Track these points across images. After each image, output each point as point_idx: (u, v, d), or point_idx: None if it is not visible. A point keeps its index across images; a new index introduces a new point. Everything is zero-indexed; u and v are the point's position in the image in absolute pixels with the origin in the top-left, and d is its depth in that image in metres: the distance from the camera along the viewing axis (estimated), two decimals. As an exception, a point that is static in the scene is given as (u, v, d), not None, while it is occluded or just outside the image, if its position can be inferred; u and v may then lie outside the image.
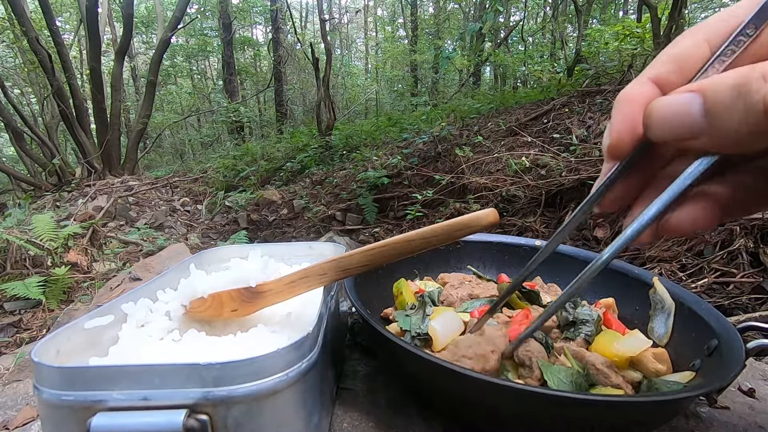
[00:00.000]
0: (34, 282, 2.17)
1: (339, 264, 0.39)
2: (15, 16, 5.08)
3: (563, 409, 0.36)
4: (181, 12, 6.58)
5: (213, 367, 0.29)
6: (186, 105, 11.57)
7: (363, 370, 0.53)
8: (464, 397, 0.40)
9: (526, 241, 0.71)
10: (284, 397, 0.32)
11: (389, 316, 0.56)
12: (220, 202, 4.57)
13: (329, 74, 5.95)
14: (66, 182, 5.37)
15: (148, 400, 0.29)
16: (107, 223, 3.66)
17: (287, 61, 9.71)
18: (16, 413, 0.51)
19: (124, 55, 6.10)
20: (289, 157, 5.56)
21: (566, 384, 0.40)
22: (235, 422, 0.30)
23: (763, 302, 1.28)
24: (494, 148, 3.10)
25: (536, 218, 2.27)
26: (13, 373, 1.34)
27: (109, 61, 7.66)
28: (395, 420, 0.44)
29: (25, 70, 7.14)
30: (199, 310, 0.41)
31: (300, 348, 0.33)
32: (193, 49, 11.88)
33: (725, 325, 0.45)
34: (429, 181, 3.21)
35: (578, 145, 2.50)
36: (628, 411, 0.36)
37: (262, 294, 0.41)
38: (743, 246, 1.40)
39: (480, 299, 0.54)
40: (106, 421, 0.28)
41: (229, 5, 9.65)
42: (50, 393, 0.30)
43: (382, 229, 3.09)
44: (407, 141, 4.09)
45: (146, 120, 6.35)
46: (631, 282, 0.58)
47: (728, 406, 0.47)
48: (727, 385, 0.38)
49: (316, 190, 4.08)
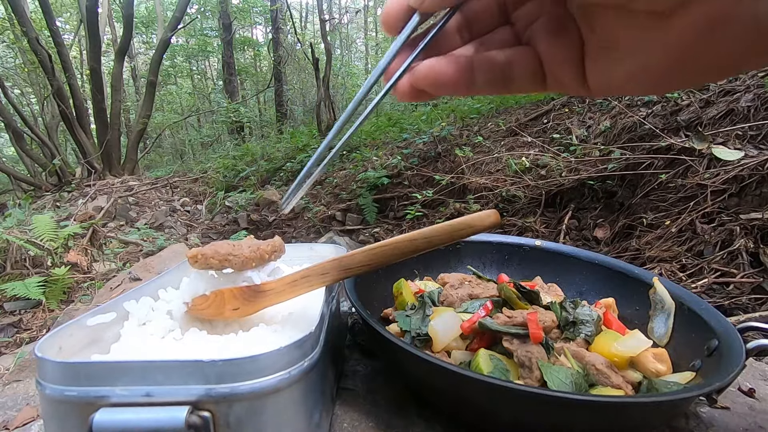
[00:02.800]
0: (34, 282, 2.16)
1: (341, 263, 0.39)
2: (15, 16, 5.08)
3: (563, 410, 0.36)
4: (181, 12, 6.58)
5: (216, 364, 0.29)
6: (186, 105, 11.57)
7: (363, 370, 0.53)
8: (464, 398, 0.40)
9: (526, 241, 0.71)
10: (286, 396, 0.32)
11: (389, 316, 0.56)
12: (220, 202, 4.56)
13: (329, 74, 5.96)
14: (66, 182, 5.37)
15: (150, 396, 0.29)
16: (107, 223, 3.66)
17: (287, 61, 9.71)
18: (16, 413, 0.51)
19: (124, 55, 6.09)
20: (289, 157, 5.55)
21: (566, 384, 0.40)
22: (237, 419, 0.30)
23: (763, 302, 1.28)
24: (494, 148, 3.10)
25: (536, 218, 2.27)
26: (13, 373, 1.34)
27: (109, 61, 7.66)
28: (395, 420, 0.44)
29: (25, 70, 7.14)
30: (201, 307, 0.41)
31: (302, 347, 0.33)
32: (193, 49, 11.87)
33: (725, 325, 0.45)
34: (429, 181, 3.21)
35: (578, 145, 2.50)
36: (628, 411, 0.36)
37: (264, 293, 0.41)
38: (743, 246, 1.40)
39: (480, 299, 0.54)
40: (108, 416, 0.29)
41: (229, 5, 9.65)
42: (53, 388, 0.30)
43: (382, 230, 3.09)
44: (407, 141, 4.09)
45: (146, 120, 6.34)
46: (631, 282, 0.59)
47: (728, 406, 0.47)
48: (727, 385, 0.38)
49: (316, 190, 4.08)
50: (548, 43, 0.23)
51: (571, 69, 0.23)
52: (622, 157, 2.13)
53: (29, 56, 6.01)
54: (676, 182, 1.79)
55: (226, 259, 0.40)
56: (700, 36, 0.17)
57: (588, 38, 0.22)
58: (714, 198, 1.60)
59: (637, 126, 2.25)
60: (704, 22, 0.17)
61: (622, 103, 2.59)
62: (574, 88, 0.24)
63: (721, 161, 1.68)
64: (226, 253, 0.40)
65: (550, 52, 0.23)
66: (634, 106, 2.48)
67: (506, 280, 0.56)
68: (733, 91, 1.98)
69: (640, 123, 2.21)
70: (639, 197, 1.91)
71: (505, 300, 0.51)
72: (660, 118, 2.18)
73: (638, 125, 2.24)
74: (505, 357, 0.45)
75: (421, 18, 0.23)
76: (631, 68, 0.21)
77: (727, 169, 1.63)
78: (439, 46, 0.25)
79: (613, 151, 2.21)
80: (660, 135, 2.02)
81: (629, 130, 2.29)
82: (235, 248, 0.41)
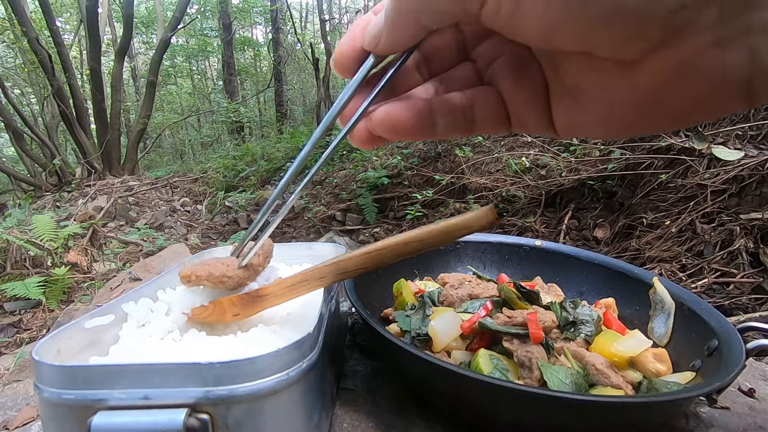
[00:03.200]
0: (34, 282, 2.17)
1: (338, 267, 0.39)
2: (15, 16, 5.08)
3: (563, 410, 0.36)
4: (181, 12, 6.58)
5: (214, 366, 0.29)
6: (186, 105, 11.57)
7: (363, 370, 0.53)
8: (464, 398, 0.40)
9: (526, 241, 0.71)
10: (285, 397, 0.32)
11: (389, 316, 0.56)
12: (220, 202, 4.56)
13: (329, 74, 5.96)
14: (66, 182, 5.38)
15: (148, 399, 0.29)
16: (107, 224, 3.66)
17: (287, 61, 9.71)
18: (16, 413, 0.51)
19: (124, 55, 6.10)
20: (289, 157, 5.55)
21: (566, 384, 0.40)
22: (235, 421, 0.30)
23: (763, 302, 1.28)
24: (494, 148, 3.10)
25: (536, 218, 2.27)
26: (13, 374, 1.34)
27: (109, 61, 7.66)
28: (395, 420, 0.44)
29: (25, 70, 7.14)
30: (201, 317, 0.41)
31: (300, 348, 0.33)
32: (193, 49, 11.87)
33: (725, 325, 0.45)
34: (429, 181, 3.21)
35: (578, 145, 2.50)
36: (628, 411, 0.36)
37: (263, 297, 0.41)
38: (743, 246, 1.40)
39: (480, 299, 0.54)
40: (106, 419, 0.28)
41: (229, 5, 9.64)
42: (51, 392, 0.30)
43: (382, 229, 3.08)
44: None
45: (146, 120, 6.35)
46: (631, 282, 0.59)
47: (728, 406, 0.47)
48: (727, 385, 0.38)
49: (316, 191, 4.08)
50: (510, 84, 0.23)
51: (535, 112, 0.22)
52: (622, 157, 2.13)
53: (29, 56, 6.01)
54: (676, 182, 1.79)
55: (221, 281, 0.40)
56: (668, 83, 0.17)
57: (552, 82, 0.22)
58: (714, 198, 1.60)
59: (637, 126, 2.25)
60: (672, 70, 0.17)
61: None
62: (539, 130, 0.23)
63: (721, 161, 1.67)
64: (220, 275, 0.39)
65: (512, 93, 0.23)
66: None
67: (506, 280, 0.56)
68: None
69: (640, 122, 2.21)
70: (639, 197, 1.91)
71: (505, 300, 0.51)
72: (660, 118, 2.18)
73: (638, 125, 2.23)
74: (505, 357, 0.45)
75: (376, 59, 0.23)
76: (597, 113, 0.20)
77: (727, 169, 1.63)
78: (397, 85, 0.24)
79: (613, 151, 2.21)
80: (660, 135, 2.02)
81: (629, 130, 2.29)
82: (229, 268, 0.40)
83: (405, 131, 0.23)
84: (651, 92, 0.18)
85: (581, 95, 0.20)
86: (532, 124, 0.23)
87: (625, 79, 0.18)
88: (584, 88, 0.20)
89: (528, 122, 0.23)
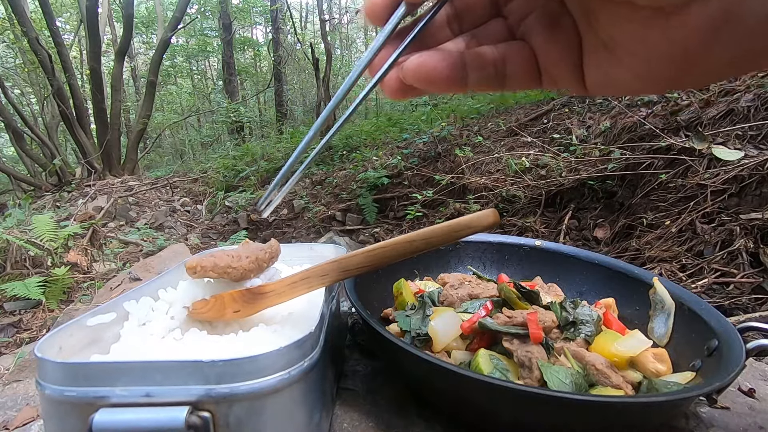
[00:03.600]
0: (34, 282, 2.16)
1: (340, 265, 0.39)
2: (15, 16, 5.08)
3: (563, 410, 0.36)
4: (181, 12, 6.58)
5: (216, 364, 0.29)
6: (186, 105, 11.56)
7: (363, 370, 0.53)
8: (464, 398, 0.40)
9: (526, 241, 0.71)
10: (286, 396, 0.32)
11: (389, 316, 0.56)
12: (220, 202, 4.56)
13: (329, 74, 5.96)
14: (66, 182, 5.38)
15: (150, 397, 0.29)
16: (107, 224, 3.66)
17: (287, 61, 9.72)
18: (16, 413, 0.51)
19: (124, 55, 6.10)
20: (289, 157, 5.54)
21: (566, 384, 0.40)
22: (237, 419, 0.30)
23: (763, 302, 1.28)
24: (494, 148, 3.10)
25: (536, 218, 2.27)
26: (13, 373, 1.34)
27: (109, 61, 7.66)
28: (395, 420, 0.44)
29: (25, 70, 7.14)
30: (201, 311, 0.41)
31: (302, 347, 0.33)
32: (193, 49, 11.87)
33: (725, 325, 0.45)
34: (429, 182, 3.21)
35: (578, 145, 2.50)
36: (628, 411, 0.36)
37: (264, 295, 0.41)
38: (743, 246, 1.40)
39: (480, 299, 0.54)
40: (108, 417, 0.29)
41: (229, 5, 9.65)
42: (53, 389, 0.30)
43: (382, 230, 3.09)
44: (407, 141, 4.09)
45: (146, 120, 6.35)
46: (631, 282, 0.59)
47: (728, 406, 0.47)
48: (727, 385, 0.38)
49: (316, 191, 4.08)
50: (543, 40, 0.22)
51: (567, 67, 0.22)
52: (622, 157, 2.13)
53: (29, 56, 6.01)
54: (676, 182, 1.79)
55: (225, 272, 0.40)
56: (707, 34, 0.17)
57: (586, 36, 0.21)
58: (714, 198, 1.60)
59: (637, 126, 2.25)
60: (712, 20, 0.16)
61: (622, 103, 2.59)
62: (570, 86, 0.23)
63: (721, 161, 1.68)
64: (225, 266, 0.40)
65: (544, 49, 0.22)
66: (634, 106, 2.48)
67: (506, 280, 0.57)
68: (733, 91, 1.98)
69: (640, 123, 2.21)
70: (639, 197, 1.91)
71: (505, 300, 0.51)
72: (660, 118, 2.18)
73: (638, 125, 2.23)
74: (505, 357, 0.45)
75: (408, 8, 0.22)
76: (633, 67, 0.20)
77: (727, 169, 1.63)
78: (427, 39, 0.24)
79: (613, 151, 2.21)
80: (660, 135, 2.02)
81: (629, 130, 2.29)
82: (234, 260, 0.41)
83: (437, 81, 0.22)
84: (690, 44, 0.17)
85: (617, 48, 0.20)
86: (564, 80, 0.23)
87: (664, 30, 0.17)
88: (620, 41, 0.19)
89: (559, 78, 0.23)
